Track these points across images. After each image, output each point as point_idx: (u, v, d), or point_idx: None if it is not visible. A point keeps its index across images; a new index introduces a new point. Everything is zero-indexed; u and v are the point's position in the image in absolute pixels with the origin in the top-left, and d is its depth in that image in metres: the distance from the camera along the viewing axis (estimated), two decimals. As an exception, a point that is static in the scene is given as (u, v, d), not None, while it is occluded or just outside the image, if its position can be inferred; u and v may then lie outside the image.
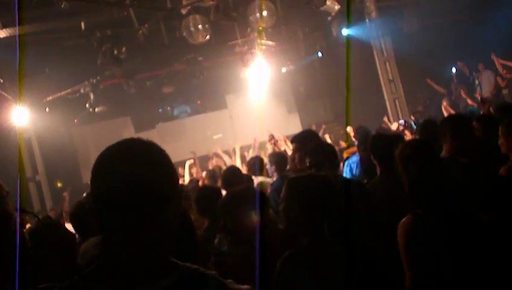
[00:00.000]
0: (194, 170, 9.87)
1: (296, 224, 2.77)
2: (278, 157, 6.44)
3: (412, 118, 11.26)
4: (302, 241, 2.76)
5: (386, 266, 3.21)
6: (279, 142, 9.45)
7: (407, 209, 3.17)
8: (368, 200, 3.91)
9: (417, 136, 6.97)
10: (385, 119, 12.35)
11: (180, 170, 11.76)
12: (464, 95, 12.61)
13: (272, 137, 8.79)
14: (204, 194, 4.61)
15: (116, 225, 1.30)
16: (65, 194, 11.05)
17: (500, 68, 13.04)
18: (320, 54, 13.57)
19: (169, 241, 1.37)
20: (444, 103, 11.03)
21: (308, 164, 4.02)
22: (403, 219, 3.11)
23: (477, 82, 13.93)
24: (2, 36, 9.32)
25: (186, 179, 8.17)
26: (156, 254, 1.31)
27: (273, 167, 6.20)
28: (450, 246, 2.95)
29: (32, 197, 13.24)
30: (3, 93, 10.70)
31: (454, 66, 15.19)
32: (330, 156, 4.09)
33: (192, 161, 9.37)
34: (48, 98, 12.38)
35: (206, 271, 1.35)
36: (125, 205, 1.28)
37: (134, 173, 1.30)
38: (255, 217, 2.95)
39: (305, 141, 4.87)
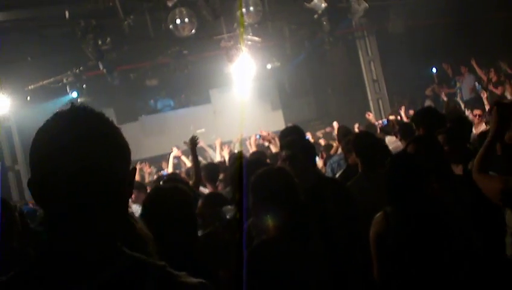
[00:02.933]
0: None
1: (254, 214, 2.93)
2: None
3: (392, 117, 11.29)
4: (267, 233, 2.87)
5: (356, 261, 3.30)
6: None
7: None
8: (342, 198, 3.91)
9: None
10: (368, 116, 12.35)
11: (163, 164, 11.69)
12: (444, 97, 12.71)
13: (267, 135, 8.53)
14: None
15: (64, 212, 1.18)
16: None
17: (481, 73, 13.16)
18: None
19: (120, 226, 1.27)
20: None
21: (283, 158, 4.00)
22: (376, 216, 3.19)
23: (458, 85, 14.04)
24: (-17, 22, 9.19)
25: (169, 171, 8.13)
26: (106, 242, 1.22)
27: None
28: (412, 243, 3.04)
29: (11, 186, 13.06)
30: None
31: (434, 67, 15.32)
32: (305, 150, 4.04)
33: (176, 151, 9.32)
34: (29, 87, 12.21)
35: (152, 261, 1.24)
36: (77, 191, 1.16)
37: (87, 155, 1.16)
38: None
39: (284, 135, 4.89)
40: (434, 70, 15.39)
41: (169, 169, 8.53)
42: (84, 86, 12.45)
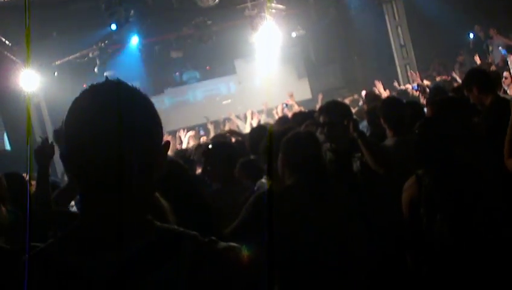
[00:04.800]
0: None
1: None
2: None
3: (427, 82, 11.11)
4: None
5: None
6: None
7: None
8: None
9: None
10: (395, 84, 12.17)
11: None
12: (478, 61, 12.41)
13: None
14: None
15: (97, 183, 1.18)
16: None
17: (504, 39, 12.80)
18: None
19: (151, 197, 1.28)
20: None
21: (321, 121, 3.98)
22: (407, 180, 3.17)
23: (491, 48, 13.69)
24: (9, -1, 9.26)
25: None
26: (137, 213, 1.22)
27: None
28: (443, 208, 2.99)
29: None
30: (12, 56, 10.68)
31: (472, 32, 14.91)
32: (342, 115, 3.98)
33: (193, 132, 9.40)
34: (56, 62, 12.34)
35: (184, 231, 1.24)
36: (110, 161, 1.15)
37: (118, 124, 1.14)
38: None
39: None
40: (471, 35, 14.95)
41: (183, 146, 8.65)
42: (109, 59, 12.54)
